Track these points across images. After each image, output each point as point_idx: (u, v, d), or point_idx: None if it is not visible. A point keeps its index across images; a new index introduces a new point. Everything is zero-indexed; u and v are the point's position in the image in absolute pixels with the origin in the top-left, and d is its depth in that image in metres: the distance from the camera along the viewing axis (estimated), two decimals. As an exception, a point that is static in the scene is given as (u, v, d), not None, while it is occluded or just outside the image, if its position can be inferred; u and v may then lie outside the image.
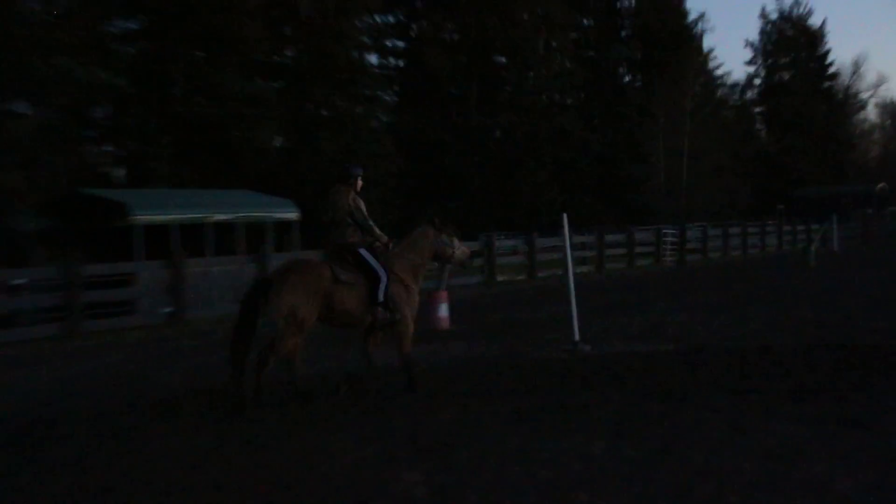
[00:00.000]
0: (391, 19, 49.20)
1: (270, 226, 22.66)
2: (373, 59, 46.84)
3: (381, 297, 8.55)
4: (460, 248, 9.54)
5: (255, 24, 34.98)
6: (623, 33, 60.57)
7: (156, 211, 20.17)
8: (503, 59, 51.52)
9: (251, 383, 8.15)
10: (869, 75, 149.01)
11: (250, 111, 34.94)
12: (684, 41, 58.90)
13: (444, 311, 14.25)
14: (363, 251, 8.69)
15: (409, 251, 9.08)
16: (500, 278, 23.69)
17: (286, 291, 8.18)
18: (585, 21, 58.81)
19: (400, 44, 50.20)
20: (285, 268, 8.50)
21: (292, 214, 23.32)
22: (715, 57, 73.80)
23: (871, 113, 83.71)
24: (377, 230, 8.83)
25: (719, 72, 68.95)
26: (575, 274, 11.14)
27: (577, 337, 11.24)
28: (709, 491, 5.24)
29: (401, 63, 50.41)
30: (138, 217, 19.43)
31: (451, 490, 5.49)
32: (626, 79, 61.39)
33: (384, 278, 8.60)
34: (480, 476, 5.73)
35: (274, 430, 7.24)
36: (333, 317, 8.51)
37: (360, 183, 8.97)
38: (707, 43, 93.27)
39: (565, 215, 12.06)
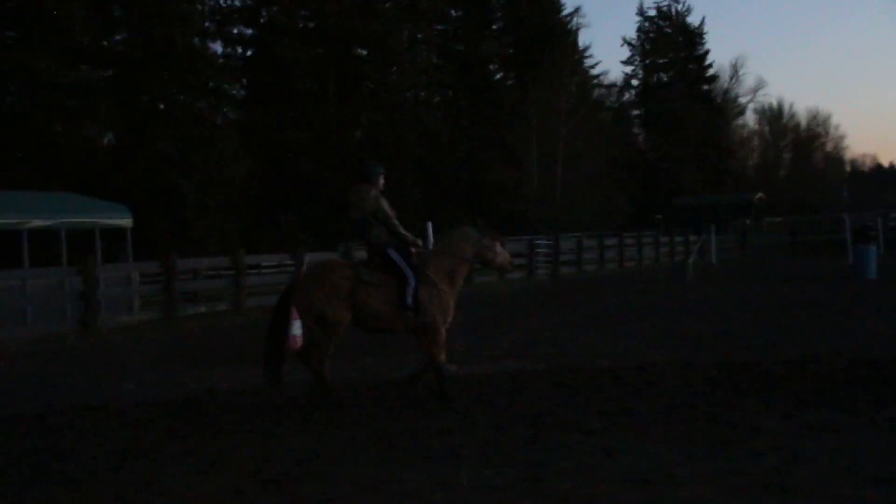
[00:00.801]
0: (237, 3, 48.61)
1: (98, 233, 22.03)
2: (217, 47, 46.22)
3: (409, 300, 8.90)
4: (502, 254, 9.86)
5: (78, 1, 33.91)
6: (494, 26, 61.65)
7: (-41, 215, 19.35)
8: (364, 52, 51.61)
9: (317, 388, 8.96)
10: (748, 79, 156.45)
11: (74, 102, 33.85)
12: (559, 37, 60.41)
13: (297, 328, 14.09)
14: (391, 251, 9.06)
15: (447, 252, 9.42)
16: (359, 292, 23.69)
17: (311, 295, 8.84)
18: (454, 11, 59.58)
19: (248, 31, 49.62)
20: (308, 272, 9.35)
21: (124, 220, 22.72)
22: (591, 55, 75.84)
23: (749, 119, 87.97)
24: (402, 230, 9.20)
25: (596, 71, 71.22)
26: (440, 287, 11.25)
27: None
28: (577, 519, 5.41)
29: (249, 53, 49.78)
30: (-63, 222, 18.60)
31: (299, 526, 5.48)
32: (498, 76, 62.47)
33: (412, 281, 8.93)
34: (333, 510, 5.73)
35: (97, 463, 7.03)
36: (363, 320, 9.00)
37: (382, 181, 9.40)
38: (583, 40, 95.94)
39: (430, 224, 12.22)
